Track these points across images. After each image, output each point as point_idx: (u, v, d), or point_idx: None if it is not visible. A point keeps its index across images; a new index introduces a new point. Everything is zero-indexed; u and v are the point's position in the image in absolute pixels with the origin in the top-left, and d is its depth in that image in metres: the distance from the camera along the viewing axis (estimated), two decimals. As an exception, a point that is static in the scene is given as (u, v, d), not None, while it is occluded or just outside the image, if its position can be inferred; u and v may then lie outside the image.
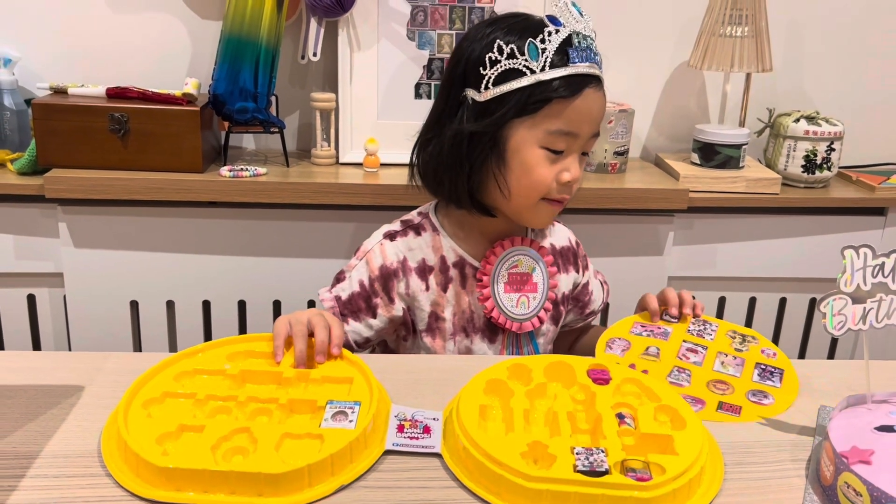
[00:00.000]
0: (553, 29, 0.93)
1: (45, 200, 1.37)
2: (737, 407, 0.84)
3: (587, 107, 0.95)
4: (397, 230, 1.06)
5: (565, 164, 0.97)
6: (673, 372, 0.91)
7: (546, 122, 0.94)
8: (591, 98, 0.95)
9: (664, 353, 0.95)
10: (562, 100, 0.93)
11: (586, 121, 0.96)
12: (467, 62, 0.97)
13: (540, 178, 0.96)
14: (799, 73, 1.71)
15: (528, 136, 0.95)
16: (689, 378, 0.89)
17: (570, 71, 0.93)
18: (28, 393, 0.80)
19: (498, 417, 0.77)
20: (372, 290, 1.03)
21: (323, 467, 0.67)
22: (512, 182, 0.97)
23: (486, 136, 0.96)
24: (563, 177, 0.97)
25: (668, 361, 0.93)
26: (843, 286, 0.76)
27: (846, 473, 0.66)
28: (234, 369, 0.82)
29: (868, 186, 1.57)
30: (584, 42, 0.95)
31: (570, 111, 0.94)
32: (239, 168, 1.40)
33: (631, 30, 1.63)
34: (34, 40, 1.51)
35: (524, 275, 1.04)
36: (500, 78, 0.94)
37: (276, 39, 1.42)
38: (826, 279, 0.80)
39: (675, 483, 0.66)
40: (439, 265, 1.04)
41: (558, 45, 0.92)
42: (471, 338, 1.05)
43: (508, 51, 0.93)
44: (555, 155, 0.96)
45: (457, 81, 0.98)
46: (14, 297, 1.47)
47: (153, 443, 0.69)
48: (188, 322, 1.50)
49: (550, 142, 0.95)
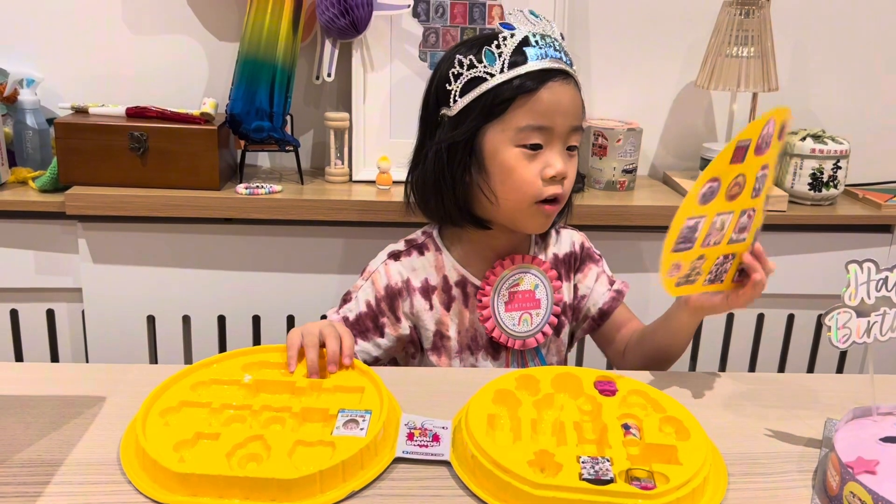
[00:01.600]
0: (507, 34, 0.95)
1: (66, 217, 1.40)
2: None
3: (554, 98, 0.95)
4: (401, 250, 1.08)
5: (546, 158, 0.97)
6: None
7: (515, 119, 0.95)
8: (558, 89, 0.96)
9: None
10: (526, 94, 0.94)
11: (557, 112, 0.96)
12: (437, 84, 1.00)
13: (522, 178, 0.96)
14: (805, 93, 1.72)
15: (501, 138, 0.96)
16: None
17: (530, 67, 0.95)
18: (52, 403, 0.82)
19: (506, 426, 0.78)
20: (379, 309, 1.05)
21: (334, 473, 0.69)
22: (496, 187, 0.98)
23: (462, 147, 0.98)
24: (546, 172, 0.97)
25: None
26: (848, 300, 0.77)
27: (852, 483, 0.67)
28: (249, 380, 0.84)
29: (874, 204, 1.58)
30: (542, 41, 0.96)
31: (536, 104, 0.95)
32: (255, 185, 1.43)
33: (639, 50, 1.66)
34: (56, 62, 1.55)
35: (526, 292, 1.04)
36: (464, 89, 0.97)
37: (292, 60, 1.45)
38: (833, 296, 0.81)
39: (679, 492, 0.67)
40: (442, 284, 1.06)
41: (515, 47, 0.95)
42: (475, 355, 1.06)
43: (468, 62, 0.96)
44: (533, 151, 0.96)
45: (431, 105, 1.02)
46: (34, 312, 1.50)
47: (170, 450, 0.71)
48: (204, 337, 1.52)
49: (523, 138, 0.96)
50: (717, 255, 0.88)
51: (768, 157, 0.84)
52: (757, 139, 0.81)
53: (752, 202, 0.86)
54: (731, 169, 0.82)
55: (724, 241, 0.87)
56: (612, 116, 1.67)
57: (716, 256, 0.88)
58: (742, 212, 0.85)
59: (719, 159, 0.81)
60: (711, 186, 0.81)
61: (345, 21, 1.42)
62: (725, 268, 0.90)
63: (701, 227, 0.84)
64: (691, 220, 0.83)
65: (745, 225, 0.87)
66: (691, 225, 0.83)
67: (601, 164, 1.57)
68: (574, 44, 1.62)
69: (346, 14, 1.42)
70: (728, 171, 0.82)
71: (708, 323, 1.64)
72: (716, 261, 0.88)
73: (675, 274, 0.87)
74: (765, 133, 0.81)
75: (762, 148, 0.82)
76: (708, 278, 0.90)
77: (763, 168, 0.84)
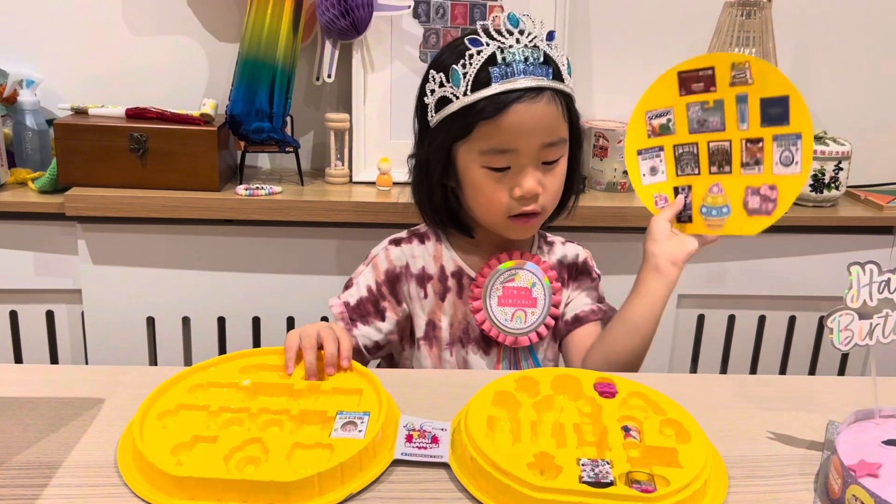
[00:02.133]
0: (474, 51, 0.93)
1: (65, 218, 1.40)
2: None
3: (517, 122, 0.93)
4: (402, 237, 1.10)
5: (516, 179, 0.97)
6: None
7: (478, 143, 0.96)
8: (523, 111, 0.93)
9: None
10: (488, 121, 0.93)
11: (520, 134, 0.94)
12: (420, 93, 1.02)
13: (490, 197, 0.98)
14: (806, 94, 1.68)
15: (468, 158, 0.98)
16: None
17: (492, 90, 0.93)
18: (50, 404, 0.82)
19: (505, 428, 0.78)
20: (379, 293, 1.06)
21: (333, 476, 0.69)
22: (469, 202, 1.01)
23: (439, 160, 1.00)
24: (514, 192, 0.97)
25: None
26: (850, 302, 0.77)
27: (854, 486, 0.66)
28: (247, 382, 0.84)
29: (876, 205, 1.57)
30: (509, 57, 0.93)
31: (497, 130, 0.94)
32: (255, 187, 1.43)
33: (640, 51, 1.66)
34: (56, 62, 1.55)
35: (521, 289, 1.04)
36: (437, 105, 0.98)
37: (292, 61, 1.45)
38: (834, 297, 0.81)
39: (679, 495, 0.67)
40: (438, 274, 1.06)
41: (480, 67, 0.93)
42: (466, 348, 1.06)
43: (438, 79, 0.97)
44: (499, 173, 0.96)
45: (419, 111, 1.04)
46: (33, 313, 1.50)
47: (168, 453, 0.71)
48: (203, 338, 1.52)
49: (487, 161, 0.96)
50: (705, 186, 0.97)
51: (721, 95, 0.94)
52: (730, 71, 0.93)
53: (719, 135, 0.96)
54: (684, 99, 0.96)
55: (703, 170, 0.97)
56: (613, 117, 1.67)
57: (705, 187, 0.97)
58: (710, 142, 0.96)
59: (654, 90, 1.00)
60: (663, 118, 0.99)
61: (345, 22, 1.42)
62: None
63: (664, 158, 0.99)
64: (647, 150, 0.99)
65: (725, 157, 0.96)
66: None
67: (602, 166, 1.57)
68: (575, 45, 1.62)
69: (347, 15, 1.42)
70: (679, 102, 0.97)
71: (709, 325, 1.64)
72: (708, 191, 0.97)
73: (664, 205, 0.99)
74: (739, 70, 0.92)
75: (739, 82, 0.93)
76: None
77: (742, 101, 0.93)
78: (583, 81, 1.65)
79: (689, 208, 0.98)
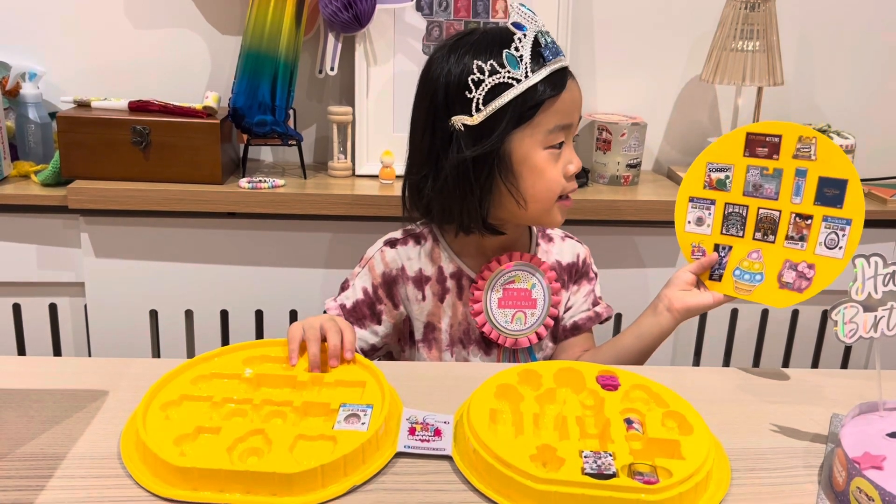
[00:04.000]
0: (521, 35, 0.95)
1: (68, 211, 1.40)
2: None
3: (572, 97, 0.99)
4: (398, 238, 1.08)
5: (566, 156, 1.00)
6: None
7: (544, 122, 0.97)
8: (573, 87, 0.99)
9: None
10: (553, 98, 0.96)
11: (575, 109, 1.00)
12: (447, 90, 0.97)
13: (553, 178, 0.99)
14: (810, 87, 1.72)
15: (531, 143, 0.97)
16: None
17: (550, 69, 0.96)
18: (54, 397, 0.82)
19: (508, 421, 0.78)
20: (376, 296, 1.05)
21: (336, 468, 0.69)
22: (527, 190, 0.98)
23: (490, 156, 0.96)
24: (569, 169, 1.00)
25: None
26: (855, 294, 0.77)
27: (858, 479, 0.66)
28: (250, 374, 0.84)
29: (880, 199, 1.57)
30: (548, 38, 0.97)
31: (561, 106, 0.97)
32: (257, 180, 1.43)
33: (643, 44, 1.65)
34: (59, 55, 1.55)
35: (521, 290, 1.04)
36: (489, 96, 0.95)
37: (295, 54, 1.44)
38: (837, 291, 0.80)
39: (682, 487, 0.67)
40: (437, 275, 1.06)
41: (531, 48, 0.95)
42: (467, 349, 1.06)
43: (489, 68, 0.94)
44: (559, 150, 0.99)
45: (440, 112, 0.98)
46: (36, 306, 1.50)
47: (171, 444, 0.71)
48: (206, 331, 1.52)
49: (551, 139, 0.98)
50: (746, 250, 0.99)
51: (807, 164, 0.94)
52: (796, 143, 0.94)
53: (770, 203, 0.97)
54: (746, 161, 0.97)
55: (747, 234, 0.98)
56: (616, 111, 1.67)
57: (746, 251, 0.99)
58: (761, 209, 0.97)
59: (720, 146, 0.98)
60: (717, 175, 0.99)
61: (348, 15, 1.42)
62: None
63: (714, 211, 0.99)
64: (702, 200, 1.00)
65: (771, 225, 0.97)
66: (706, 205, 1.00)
67: (605, 159, 1.56)
68: (578, 37, 1.61)
69: (350, 7, 1.41)
70: (743, 162, 0.97)
71: (712, 318, 1.64)
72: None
73: (699, 257, 1.01)
74: (806, 143, 0.94)
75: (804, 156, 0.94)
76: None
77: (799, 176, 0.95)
78: (586, 74, 1.64)
79: (724, 268, 1.00)
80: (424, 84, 1.01)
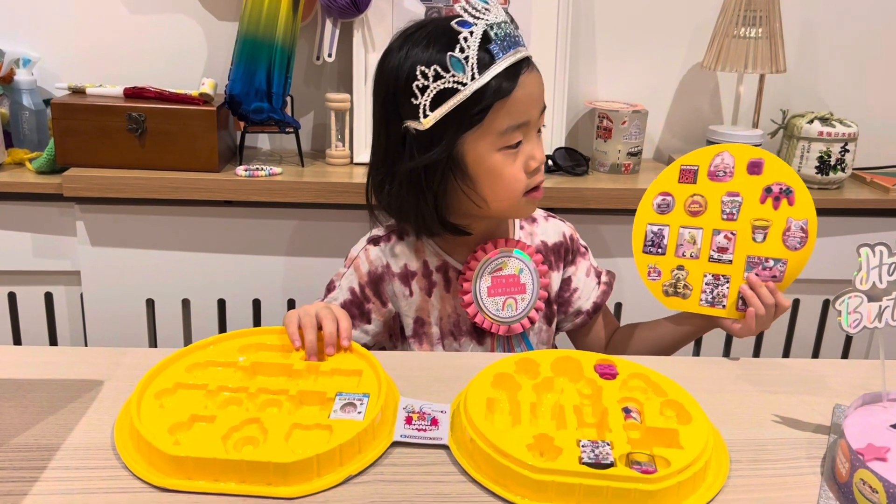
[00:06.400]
0: (466, 33, 0.89)
1: (63, 199, 1.39)
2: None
3: (526, 93, 0.92)
4: (381, 235, 1.06)
5: (527, 152, 0.95)
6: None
7: (495, 124, 0.92)
8: (528, 81, 0.93)
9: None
10: (503, 98, 0.91)
11: (531, 104, 0.94)
12: (395, 94, 0.93)
13: (512, 178, 0.95)
14: (813, 75, 1.70)
15: (483, 145, 0.93)
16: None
17: (500, 67, 0.90)
18: (49, 387, 0.82)
19: (505, 410, 0.78)
20: (363, 295, 1.04)
21: (331, 457, 0.68)
22: (486, 192, 0.95)
23: (442, 162, 0.93)
24: (530, 165, 0.95)
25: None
26: (859, 284, 0.76)
27: (862, 470, 0.66)
28: (246, 361, 0.83)
29: (882, 188, 1.56)
30: (500, 31, 0.91)
31: (513, 105, 0.91)
32: (254, 168, 1.42)
33: (644, 31, 1.64)
34: (53, 41, 1.53)
35: (510, 277, 1.02)
36: (434, 102, 0.91)
37: (292, 40, 1.43)
38: (839, 280, 0.80)
39: (680, 476, 0.66)
40: (422, 270, 1.04)
41: (478, 47, 0.90)
42: (459, 341, 1.05)
43: (433, 73, 0.90)
44: (515, 150, 0.94)
45: (392, 115, 0.95)
46: (32, 295, 1.49)
47: (165, 432, 0.70)
48: (203, 320, 1.52)
49: (506, 140, 0.93)
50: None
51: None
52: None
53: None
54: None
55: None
56: (616, 98, 1.65)
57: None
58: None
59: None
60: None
61: (346, 0, 1.40)
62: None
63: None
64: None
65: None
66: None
67: (606, 147, 1.55)
68: (579, 25, 1.60)
69: (347, -7, 1.40)
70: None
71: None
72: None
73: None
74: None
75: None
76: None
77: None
78: (587, 62, 1.63)
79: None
80: (380, 77, 0.97)
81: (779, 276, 0.98)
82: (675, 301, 1.01)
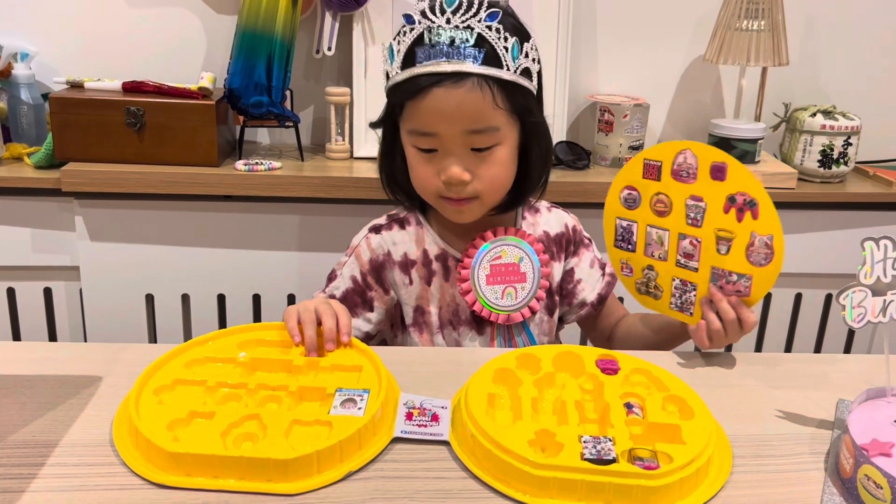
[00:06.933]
0: (406, 28, 0.92)
1: (62, 194, 1.39)
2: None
3: (435, 106, 0.90)
4: (382, 224, 1.07)
5: (441, 164, 0.94)
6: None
7: (406, 121, 0.95)
8: (442, 96, 0.90)
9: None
10: (411, 101, 0.92)
11: (441, 120, 0.91)
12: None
13: (420, 176, 0.97)
14: (815, 68, 1.69)
15: (404, 133, 0.97)
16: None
17: (414, 72, 0.91)
18: (47, 383, 0.81)
19: (506, 406, 0.77)
20: (365, 283, 1.04)
21: (331, 453, 0.68)
22: (411, 178, 1.00)
23: (388, 130, 1.00)
24: (441, 176, 0.95)
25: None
26: (863, 278, 0.75)
27: (866, 466, 0.65)
28: (245, 357, 0.83)
29: (885, 181, 1.55)
30: (435, 38, 0.89)
31: (418, 112, 0.92)
32: (254, 162, 1.41)
33: (646, 24, 1.63)
34: (51, 35, 1.52)
35: (509, 265, 1.02)
36: (385, 77, 0.97)
37: (291, 34, 1.42)
38: (842, 275, 0.80)
39: (683, 472, 0.66)
40: (422, 258, 1.04)
41: (409, 46, 0.91)
42: (458, 331, 1.05)
43: (385, 53, 0.96)
44: (428, 154, 0.95)
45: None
46: (31, 291, 1.49)
47: (164, 429, 0.70)
48: (203, 315, 1.51)
49: (414, 141, 0.95)
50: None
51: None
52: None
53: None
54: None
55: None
56: (618, 92, 1.65)
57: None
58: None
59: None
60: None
61: (345, -7, 1.40)
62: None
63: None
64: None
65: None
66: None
67: (607, 141, 1.55)
68: (580, 17, 1.59)
69: (346, -14, 1.39)
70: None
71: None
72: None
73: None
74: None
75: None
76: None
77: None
78: (588, 55, 1.62)
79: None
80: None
81: (744, 291, 0.92)
82: (648, 300, 0.99)
